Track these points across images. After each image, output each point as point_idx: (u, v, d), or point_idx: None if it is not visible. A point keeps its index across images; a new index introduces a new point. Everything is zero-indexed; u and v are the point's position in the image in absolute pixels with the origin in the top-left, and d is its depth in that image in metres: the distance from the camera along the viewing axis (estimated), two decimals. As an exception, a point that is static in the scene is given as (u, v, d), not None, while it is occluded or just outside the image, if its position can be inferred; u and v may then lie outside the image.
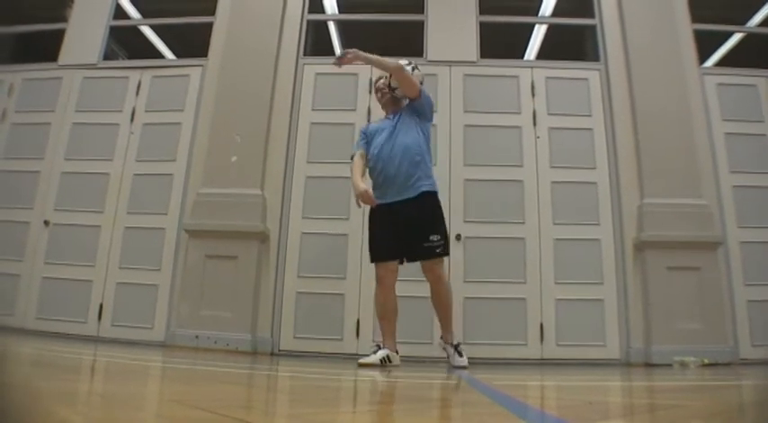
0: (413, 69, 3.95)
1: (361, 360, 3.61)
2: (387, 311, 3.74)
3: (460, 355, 3.75)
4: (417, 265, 3.81)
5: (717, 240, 4.86)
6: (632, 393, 2.37)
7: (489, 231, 5.02)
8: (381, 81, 4.12)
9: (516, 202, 5.10)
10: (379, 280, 3.77)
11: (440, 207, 3.84)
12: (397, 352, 3.72)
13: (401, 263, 3.81)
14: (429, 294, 3.84)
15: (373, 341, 4.41)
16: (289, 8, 5.66)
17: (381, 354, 3.60)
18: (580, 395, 2.19)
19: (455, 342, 3.83)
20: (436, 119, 5.27)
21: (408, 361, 4.12)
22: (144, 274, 5.13)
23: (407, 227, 3.68)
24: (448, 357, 3.83)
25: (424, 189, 3.74)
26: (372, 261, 3.82)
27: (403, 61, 3.97)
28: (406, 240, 3.71)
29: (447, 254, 3.80)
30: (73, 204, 5.37)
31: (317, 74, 5.54)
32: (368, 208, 3.94)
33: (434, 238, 3.69)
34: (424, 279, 3.82)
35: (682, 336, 4.58)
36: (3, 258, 5.28)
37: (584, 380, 3.07)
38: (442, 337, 3.90)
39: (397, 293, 3.85)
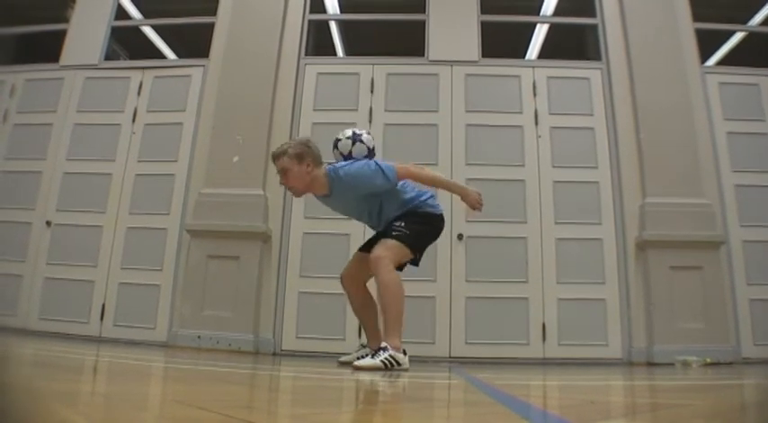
0: (353, 141, 3.56)
1: (357, 362, 3.20)
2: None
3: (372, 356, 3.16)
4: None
5: (719, 239, 4.85)
6: (634, 393, 2.37)
7: (491, 231, 5.01)
8: (284, 161, 3.32)
9: (518, 201, 5.10)
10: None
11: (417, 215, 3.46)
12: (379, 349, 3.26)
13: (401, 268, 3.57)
14: (429, 294, 3.76)
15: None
16: (290, 8, 5.66)
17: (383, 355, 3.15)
18: (582, 394, 2.19)
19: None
20: (438, 119, 5.30)
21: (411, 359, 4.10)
22: (146, 274, 5.13)
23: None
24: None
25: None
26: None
27: (348, 132, 3.63)
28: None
29: (405, 242, 3.33)
30: (75, 205, 5.38)
31: (319, 74, 5.55)
32: None
33: (398, 223, 3.37)
34: (423, 278, 3.72)
35: (684, 335, 4.57)
36: (5, 259, 5.29)
37: (586, 379, 3.07)
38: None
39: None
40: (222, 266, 4.92)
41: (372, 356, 3.13)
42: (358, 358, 3.37)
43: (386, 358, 3.07)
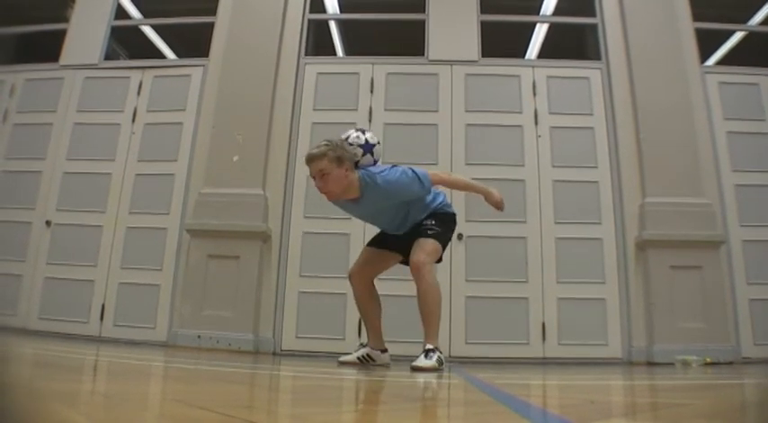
0: (370, 150, 3.43)
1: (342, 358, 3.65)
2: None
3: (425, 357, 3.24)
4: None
5: (719, 239, 4.86)
6: (634, 392, 2.37)
7: (491, 230, 5.01)
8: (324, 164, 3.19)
9: (518, 201, 5.09)
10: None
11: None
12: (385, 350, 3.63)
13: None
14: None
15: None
16: (290, 7, 5.66)
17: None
18: (582, 394, 2.19)
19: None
20: (438, 118, 5.30)
21: (411, 360, 4.10)
22: (146, 274, 5.13)
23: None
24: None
25: None
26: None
27: (357, 150, 3.36)
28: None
29: (440, 240, 3.42)
30: (75, 204, 5.38)
31: (319, 73, 5.55)
32: None
33: (429, 222, 3.43)
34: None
35: (684, 334, 4.57)
36: (5, 259, 5.29)
37: (586, 379, 3.07)
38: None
39: (397, 292, 3.91)
40: (222, 266, 4.92)
41: (426, 357, 3.18)
42: (359, 358, 3.56)
43: (438, 358, 3.19)
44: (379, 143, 3.51)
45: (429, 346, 3.24)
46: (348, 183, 3.22)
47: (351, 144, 3.36)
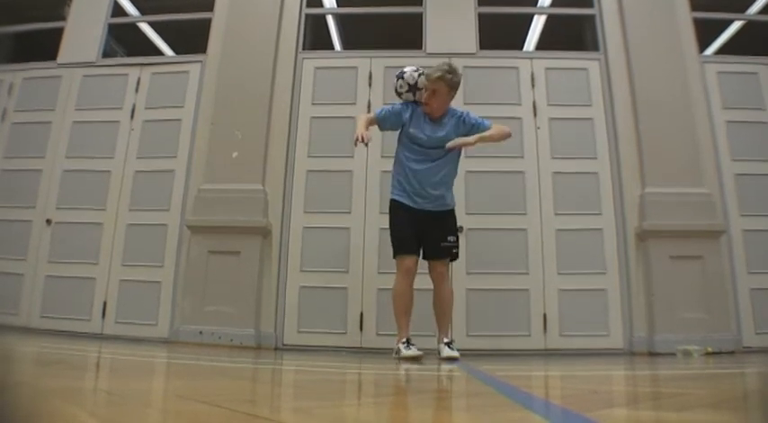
0: (419, 76, 3.93)
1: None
2: (408, 303, 3.83)
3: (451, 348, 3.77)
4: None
5: (719, 229, 4.86)
6: (636, 382, 2.37)
7: (491, 223, 5.01)
8: (421, 79, 3.90)
9: (518, 193, 5.10)
10: (406, 271, 3.80)
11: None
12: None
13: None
14: (429, 286, 3.87)
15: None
16: (287, 3, 5.65)
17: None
18: (584, 384, 2.20)
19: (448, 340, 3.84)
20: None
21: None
22: (147, 270, 5.14)
23: (431, 229, 3.85)
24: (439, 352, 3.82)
25: (452, 207, 4.00)
26: (401, 253, 3.84)
27: (408, 68, 3.98)
28: (425, 240, 3.89)
29: (457, 257, 4.02)
30: (75, 202, 5.38)
31: (317, 68, 5.54)
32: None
33: (452, 238, 3.90)
34: (423, 271, 3.86)
35: (685, 324, 4.58)
36: (6, 258, 5.30)
37: (587, 369, 3.08)
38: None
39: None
40: (223, 262, 4.92)
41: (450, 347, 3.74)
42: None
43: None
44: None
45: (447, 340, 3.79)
46: (445, 106, 3.89)
47: (403, 78, 3.95)
